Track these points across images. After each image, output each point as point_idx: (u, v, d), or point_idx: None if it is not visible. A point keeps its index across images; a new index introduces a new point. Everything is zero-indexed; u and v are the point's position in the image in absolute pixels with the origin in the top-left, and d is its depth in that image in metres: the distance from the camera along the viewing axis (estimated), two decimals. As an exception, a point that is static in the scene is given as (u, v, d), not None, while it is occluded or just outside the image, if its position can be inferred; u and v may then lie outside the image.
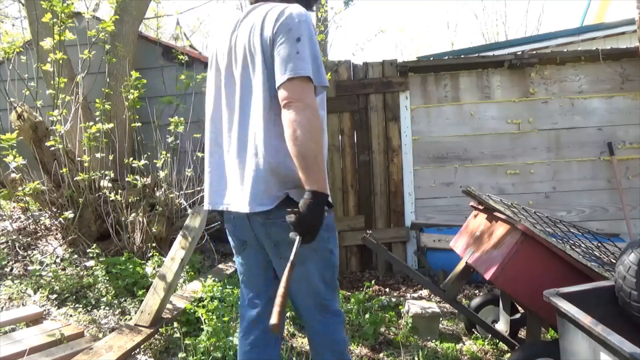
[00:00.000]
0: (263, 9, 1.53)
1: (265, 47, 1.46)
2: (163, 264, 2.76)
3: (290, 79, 1.38)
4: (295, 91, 1.38)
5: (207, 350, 2.30)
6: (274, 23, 1.45)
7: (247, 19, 1.58)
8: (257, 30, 1.49)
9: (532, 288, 2.23)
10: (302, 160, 1.36)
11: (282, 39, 1.43)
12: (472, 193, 2.82)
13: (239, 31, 1.57)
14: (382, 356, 2.71)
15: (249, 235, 1.60)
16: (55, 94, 3.47)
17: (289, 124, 1.36)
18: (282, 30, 1.44)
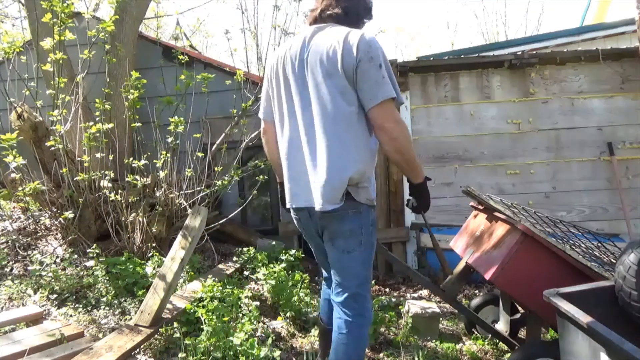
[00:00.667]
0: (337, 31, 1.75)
1: (347, 68, 1.68)
2: (163, 264, 2.76)
3: (381, 102, 1.66)
4: (387, 112, 1.68)
5: (207, 350, 2.30)
6: (357, 50, 1.67)
7: (318, 38, 1.78)
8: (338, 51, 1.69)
9: (532, 288, 2.23)
10: (406, 165, 1.78)
11: (366, 64, 1.67)
12: (472, 193, 2.82)
13: (311, 49, 1.78)
14: (382, 356, 2.71)
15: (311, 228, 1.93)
16: (55, 94, 3.47)
17: (390, 141, 1.69)
18: (366, 57, 1.67)
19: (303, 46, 1.81)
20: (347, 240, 1.81)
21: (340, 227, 1.79)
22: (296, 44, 1.84)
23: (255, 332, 2.76)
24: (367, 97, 1.68)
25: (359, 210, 1.79)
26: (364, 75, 1.68)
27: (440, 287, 2.81)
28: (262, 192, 4.67)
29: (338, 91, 1.71)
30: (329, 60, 1.71)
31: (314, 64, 1.75)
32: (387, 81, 1.68)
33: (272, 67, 1.94)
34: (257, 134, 4.29)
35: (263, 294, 3.37)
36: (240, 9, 4.37)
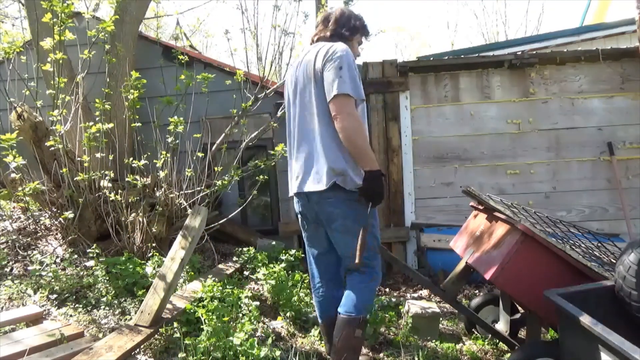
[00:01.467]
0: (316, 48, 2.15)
1: (317, 72, 2.07)
2: (163, 264, 2.76)
3: (335, 96, 1.98)
4: (340, 105, 1.98)
5: (207, 350, 2.30)
6: (324, 56, 2.06)
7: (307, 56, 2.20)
8: (312, 62, 2.10)
9: (532, 288, 2.23)
10: (355, 153, 2.01)
11: (328, 66, 2.03)
12: (472, 193, 2.82)
13: (301, 64, 2.20)
14: (382, 356, 2.71)
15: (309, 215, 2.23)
16: (55, 94, 3.47)
17: (340, 130, 1.99)
18: (330, 62, 2.04)
19: (298, 65, 2.25)
20: (344, 221, 2.10)
21: (334, 210, 2.10)
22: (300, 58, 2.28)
23: (255, 332, 2.76)
24: (326, 92, 2.03)
25: (347, 197, 2.07)
26: (326, 74, 2.04)
27: (440, 287, 2.81)
28: (262, 192, 4.66)
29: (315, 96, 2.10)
30: (307, 69, 2.14)
31: (302, 72, 2.18)
32: (344, 80, 1.99)
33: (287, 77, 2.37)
34: (257, 134, 4.30)
35: (263, 294, 3.37)
36: (240, 9, 4.36)
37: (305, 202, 2.20)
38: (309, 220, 2.28)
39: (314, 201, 2.13)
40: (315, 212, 2.18)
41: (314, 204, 2.15)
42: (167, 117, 3.69)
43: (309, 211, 2.22)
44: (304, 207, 2.25)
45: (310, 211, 2.22)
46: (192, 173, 3.71)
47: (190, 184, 3.79)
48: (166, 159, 3.59)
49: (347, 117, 1.97)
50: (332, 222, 2.13)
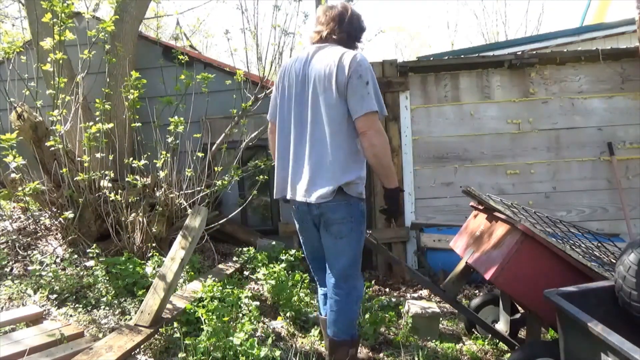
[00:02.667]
0: (334, 52, 2.08)
1: (340, 83, 2.01)
2: (163, 264, 2.76)
3: (366, 114, 1.98)
4: (370, 122, 1.99)
5: (207, 350, 2.30)
6: (348, 66, 2.00)
7: (318, 56, 2.12)
8: (332, 69, 2.02)
9: (532, 288, 2.23)
10: (381, 170, 2.09)
11: (355, 81, 1.99)
12: (472, 193, 2.82)
13: (312, 64, 2.11)
14: (382, 356, 2.71)
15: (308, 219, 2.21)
16: (55, 94, 3.47)
17: (369, 146, 2.01)
18: (354, 73, 2.00)
19: (306, 62, 2.15)
20: (340, 226, 2.11)
21: (334, 215, 2.09)
22: (300, 59, 2.18)
23: (255, 332, 2.76)
24: (354, 109, 2.01)
25: (349, 202, 2.10)
26: (352, 90, 2.00)
27: (440, 287, 2.81)
28: (262, 192, 4.66)
29: (331, 103, 2.04)
30: (325, 77, 2.05)
31: (314, 78, 2.09)
32: (372, 96, 2.00)
33: (280, 77, 2.27)
34: (257, 134, 4.30)
35: (263, 294, 3.37)
36: (240, 9, 4.36)
37: (305, 208, 2.18)
38: (307, 224, 2.27)
39: (316, 210, 2.12)
40: (315, 217, 2.17)
41: (314, 209, 2.13)
42: (167, 117, 3.69)
43: (308, 216, 2.21)
44: (303, 213, 2.22)
45: (309, 216, 2.20)
46: (192, 173, 3.71)
47: (190, 184, 3.79)
48: (166, 159, 3.59)
49: (376, 135, 2.00)
50: (329, 226, 2.14)
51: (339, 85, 2.01)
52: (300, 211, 2.23)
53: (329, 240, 2.17)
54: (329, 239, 2.16)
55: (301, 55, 2.21)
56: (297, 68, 2.18)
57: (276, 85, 2.30)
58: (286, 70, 2.24)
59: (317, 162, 2.07)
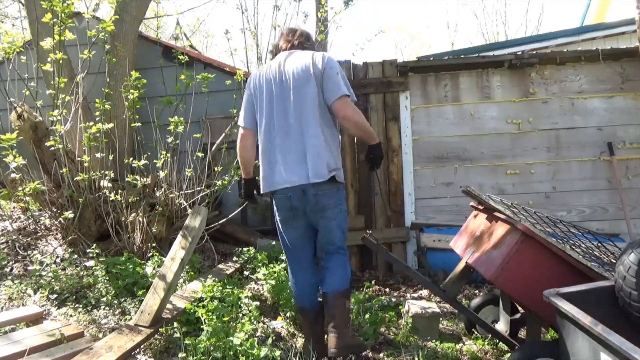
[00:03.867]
0: (305, 53, 2.45)
1: (317, 75, 2.35)
2: (163, 264, 2.76)
3: (341, 97, 2.34)
4: (344, 103, 2.35)
5: (207, 350, 2.30)
6: (322, 62, 2.37)
7: (292, 58, 2.45)
8: (308, 66, 2.37)
9: (532, 288, 2.23)
10: (365, 134, 2.47)
11: (328, 71, 2.35)
12: (472, 193, 2.82)
13: (287, 65, 2.43)
14: (382, 356, 2.71)
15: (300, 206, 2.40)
16: (55, 94, 3.47)
17: (349, 121, 2.38)
18: (328, 67, 2.36)
19: (280, 66, 2.45)
20: (334, 210, 2.41)
21: (329, 200, 2.38)
22: (274, 65, 2.47)
23: (255, 332, 2.76)
24: (329, 94, 2.35)
25: (338, 188, 2.44)
26: (328, 78, 2.35)
27: (440, 287, 2.81)
28: (262, 192, 4.66)
29: (314, 94, 2.35)
30: (303, 71, 2.37)
31: (292, 76, 2.39)
32: (342, 84, 2.37)
33: (254, 84, 2.51)
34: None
35: (263, 294, 3.37)
36: (240, 9, 4.37)
37: (299, 195, 2.36)
38: (298, 213, 2.44)
39: (310, 194, 2.35)
40: (309, 204, 2.38)
41: (310, 197, 2.35)
42: (167, 117, 3.69)
43: (302, 204, 2.39)
44: (297, 200, 2.39)
45: (303, 204, 2.39)
46: (192, 173, 3.71)
47: (190, 184, 3.79)
48: (166, 159, 3.59)
49: (354, 111, 2.38)
50: (325, 210, 2.39)
51: (316, 76, 2.35)
52: (293, 199, 2.40)
53: (324, 223, 2.43)
54: (324, 222, 2.42)
55: (273, 63, 2.49)
56: (272, 72, 2.45)
57: (251, 93, 2.53)
58: (258, 79, 2.50)
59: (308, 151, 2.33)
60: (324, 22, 4.78)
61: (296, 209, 2.42)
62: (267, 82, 2.44)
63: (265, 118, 2.43)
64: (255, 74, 2.56)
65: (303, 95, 2.35)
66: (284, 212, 2.49)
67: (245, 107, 2.57)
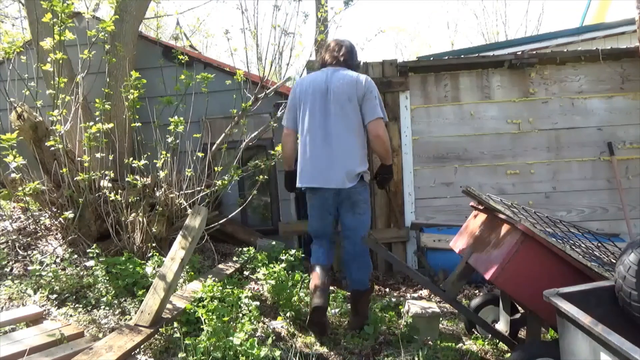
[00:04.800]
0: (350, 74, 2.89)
1: (359, 97, 2.83)
2: (163, 264, 2.76)
3: (376, 119, 2.83)
4: (379, 125, 2.84)
5: (207, 350, 2.30)
6: (364, 85, 2.83)
7: (338, 75, 2.88)
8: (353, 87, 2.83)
9: (532, 288, 2.23)
10: (385, 154, 2.93)
11: (369, 96, 2.83)
12: (472, 193, 2.82)
13: (334, 81, 2.85)
14: (382, 356, 2.71)
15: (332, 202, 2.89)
16: (55, 94, 3.47)
17: (381, 142, 2.87)
18: (368, 91, 2.83)
19: (327, 79, 2.88)
20: (363, 205, 2.90)
21: (359, 197, 2.87)
22: (321, 78, 2.91)
23: (255, 332, 2.76)
24: (368, 114, 2.84)
25: (365, 187, 2.93)
26: (367, 101, 2.83)
27: (440, 287, 2.81)
28: (262, 192, 4.66)
29: (353, 111, 2.84)
30: (349, 91, 2.82)
31: (339, 92, 2.83)
32: (379, 107, 2.85)
33: (300, 90, 2.94)
34: (257, 134, 4.30)
35: (263, 294, 3.37)
36: (240, 9, 4.36)
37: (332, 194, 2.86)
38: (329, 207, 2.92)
39: (343, 193, 2.84)
40: (341, 201, 2.88)
41: (344, 195, 2.85)
42: (167, 117, 3.69)
43: (333, 200, 2.89)
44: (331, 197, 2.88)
45: (335, 200, 2.89)
46: (192, 173, 3.71)
47: (190, 184, 3.79)
48: (166, 159, 3.58)
49: (384, 133, 2.87)
50: (355, 206, 2.88)
51: (359, 97, 2.82)
52: (328, 197, 2.88)
53: (352, 218, 2.90)
54: (353, 216, 2.89)
55: (319, 75, 2.93)
56: (318, 84, 2.88)
57: (297, 97, 2.94)
58: (305, 86, 2.92)
59: (343, 157, 2.81)
60: (324, 22, 4.78)
61: (328, 203, 2.90)
62: (313, 92, 2.88)
63: (308, 123, 2.88)
64: (301, 82, 2.99)
65: (345, 110, 2.82)
66: (315, 203, 2.96)
67: (288, 110, 3.02)
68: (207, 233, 3.70)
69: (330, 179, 2.80)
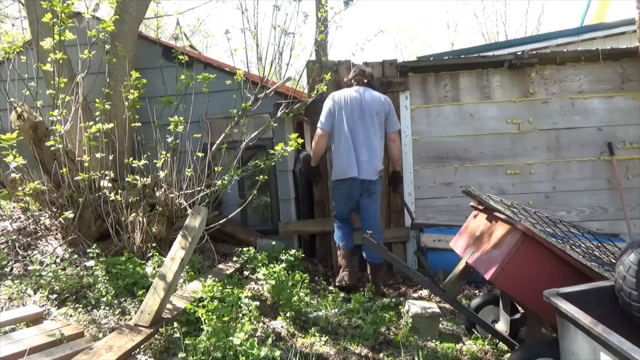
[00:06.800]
0: (377, 94, 3.79)
1: (385, 114, 3.74)
2: (163, 264, 2.76)
3: (395, 131, 3.80)
4: (396, 135, 3.83)
5: (207, 350, 2.30)
6: (388, 106, 3.77)
7: (369, 94, 3.76)
8: (379, 105, 3.72)
9: (532, 288, 2.23)
10: (399, 160, 3.97)
11: (390, 112, 3.77)
12: (472, 193, 2.82)
13: (366, 98, 3.73)
14: (382, 356, 2.71)
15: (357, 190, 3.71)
16: (55, 94, 3.47)
17: (397, 147, 3.87)
18: (390, 108, 3.78)
19: (361, 96, 3.73)
20: (377, 194, 3.78)
21: (376, 188, 3.74)
22: (354, 94, 3.75)
23: (255, 332, 2.76)
24: (391, 127, 3.78)
25: (380, 181, 3.79)
26: (390, 116, 3.77)
27: (440, 287, 2.81)
28: (262, 192, 4.66)
29: (381, 122, 3.74)
30: (378, 107, 3.72)
31: (369, 107, 3.70)
32: (397, 121, 3.85)
33: (338, 99, 3.77)
34: (257, 134, 4.29)
35: (263, 294, 3.37)
36: (240, 9, 4.36)
37: (359, 183, 3.68)
38: (355, 195, 3.72)
39: (367, 183, 3.68)
40: (364, 190, 3.70)
41: (367, 185, 3.69)
42: (167, 117, 3.68)
43: (359, 189, 3.70)
44: (357, 187, 3.69)
45: (360, 189, 3.70)
46: (192, 173, 3.71)
47: (190, 184, 3.79)
48: (166, 159, 3.58)
49: (400, 142, 4.03)
50: (372, 194, 3.72)
51: (385, 114, 3.73)
52: (355, 186, 3.69)
53: (370, 203, 3.74)
54: (371, 202, 3.74)
55: (352, 91, 3.78)
56: (353, 98, 3.73)
57: (336, 106, 3.74)
58: (342, 97, 3.76)
59: (372, 156, 3.67)
60: (324, 22, 4.77)
61: (354, 193, 3.71)
62: (350, 102, 3.70)
63: (346, 127, 3.68)
64: (337, 94, 3.81)
65: (374, 121, 3.68)
66: (346, 193, 3.73)
67: (326, 114, 3.76)
68: (207, 233, 3.69)
69: (360, 172, 3.64)
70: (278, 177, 4.71)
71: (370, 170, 3.64)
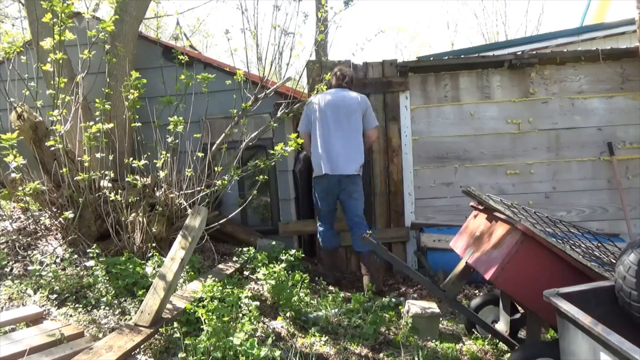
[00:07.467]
0: (352, 94, 3.98)
1: (362, 110, 3.93)
2: (163, 264, 2.76)
3: (373, 127, 4.02)
4: (374, 130, 4.06)
5: (207, 350, 2.30)
6: (365, 103, 3.97)
7: (342, 94, 3.97)
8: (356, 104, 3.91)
9: (532, 288, 2.23)
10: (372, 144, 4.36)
11: (368, 109, 3.98)
12: (472, 193, 2.82)
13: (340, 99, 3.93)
14: (382, 356, 2.71)
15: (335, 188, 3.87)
16: (55, 94, 3.47)
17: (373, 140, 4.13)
18: (367, 106, 3.98)
19: (336, 97, 3.94)
20: (357, 193, 3.88)
21: (355, 186, 3.87)
22: (329, 96, 3.96)
23: (255, 332, 2.76)
24: (368, 123, 3.96)
25: (360, 177, 3.93)
26: (368, 114, 3.96)
27: (440, 287, 2.81)
28: (262, 192, 4.66)
29: (356, 120, 3.90)
30: (353, 106, 3.90)
31: (345, 107, 3.89)
32: (374, 117, 4.03)
33: (317, 104, 3.96)
34: (257, 134, 4.29)
35: (263, 294, 3.37)
36: (240, 9, 4.35)
37: (336, 180, 3.83)
38: (333, 192, 3.89)
39: (344, 181, 3.82)
40: (342, 188, 3.85)
41: (344, 183, 3.83)
42: (167, 117, 3.68)
43: (337, 186, 3.85)
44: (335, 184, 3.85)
45: (338, 186, 3.85)
46: (192, 173, 3.71)
47: (190, 184, 3.79)
48: (166, 159, 3.58)
49: (377, 136, 4.23)
50: (352, 193, 3.85)
51: (361, 111, 3.91)
52: (332, 183, 3.84)
53: (351, 202, 3.86)
54: (351, 201, 3.86)
55: (329, 94, 3.98)
56: (328, 99, 3.93)
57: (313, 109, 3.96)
58: (318, 100, 3.97)
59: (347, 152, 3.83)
60: (324, 22, 4.77)
61: (332, 189, 3.87)
62: (325, 105, 3.91)
63: (319, 127, 3.90)
64: (315, 98, 4.02)
65: (351, 119, 3.87)
66: (324, 189, 3.91)
67: (303, 117, 4.04)
68: (207, 233, 3.69)
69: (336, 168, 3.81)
70: (278, 177, 4.71)
71: (344, 167, 3.80)
